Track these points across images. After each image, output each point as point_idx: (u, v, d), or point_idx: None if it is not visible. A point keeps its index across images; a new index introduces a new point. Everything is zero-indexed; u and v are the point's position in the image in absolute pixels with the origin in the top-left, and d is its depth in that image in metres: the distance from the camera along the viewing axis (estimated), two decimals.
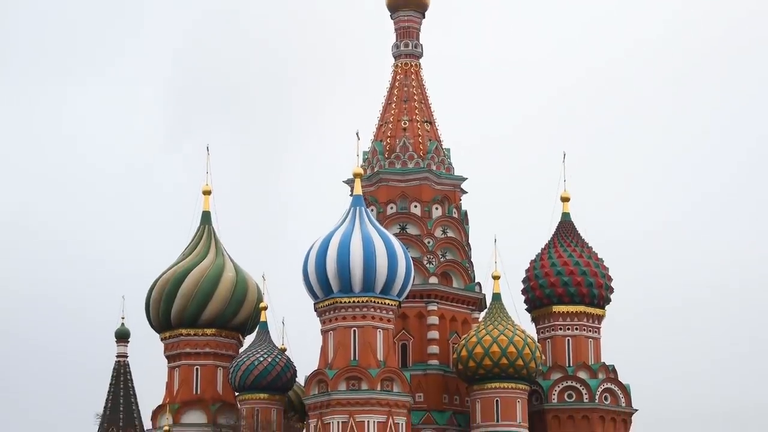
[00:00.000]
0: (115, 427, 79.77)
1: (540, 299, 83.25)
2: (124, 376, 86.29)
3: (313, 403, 74.37)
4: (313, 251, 75.58)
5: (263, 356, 79.40)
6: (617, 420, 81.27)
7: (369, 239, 74.60)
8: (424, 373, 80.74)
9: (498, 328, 77.89)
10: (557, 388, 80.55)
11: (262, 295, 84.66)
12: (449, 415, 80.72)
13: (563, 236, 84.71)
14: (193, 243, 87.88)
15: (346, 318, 74.76)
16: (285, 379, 79.81)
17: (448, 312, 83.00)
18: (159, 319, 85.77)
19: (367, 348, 74.25)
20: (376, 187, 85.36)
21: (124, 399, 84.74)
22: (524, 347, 77.15)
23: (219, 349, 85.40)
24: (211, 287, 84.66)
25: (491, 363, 76.67)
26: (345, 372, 73.65)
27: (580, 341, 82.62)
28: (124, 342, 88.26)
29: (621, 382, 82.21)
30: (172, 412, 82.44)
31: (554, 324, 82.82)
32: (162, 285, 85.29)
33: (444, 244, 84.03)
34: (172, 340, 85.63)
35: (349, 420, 72.62)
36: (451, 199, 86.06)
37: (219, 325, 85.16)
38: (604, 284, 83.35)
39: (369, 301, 74.38)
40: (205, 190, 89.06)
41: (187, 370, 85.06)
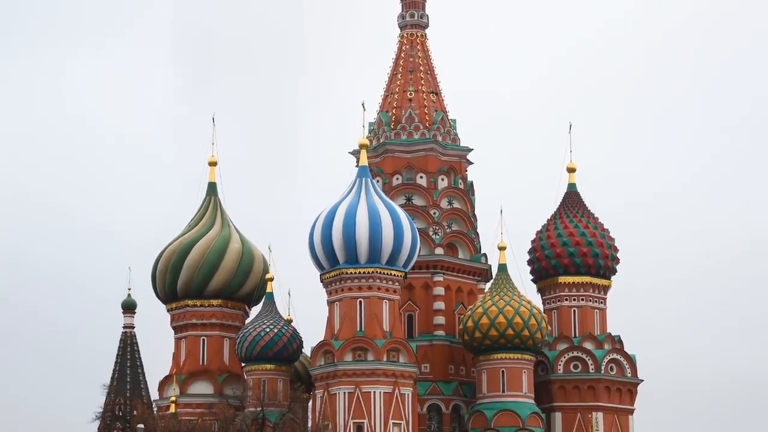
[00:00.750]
0: (122, 397, 79.93)
1: (546, 270, 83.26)
2: (131, 347, 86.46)
3: (320, 374, 74.53)
4: (319, 222, 75.62)
5: (269, 327, 79.52)
6: (623, 390, 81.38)
7: (375, 210, 74.60)
8: (430, 343, 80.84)
9: (504, 298, 77.96)
10: (563, 359, 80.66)
11: (268, 266, 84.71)
12: (455, 386, 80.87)
13: (569, 207, 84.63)
14: (199, 214, 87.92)
15: (352, 289, 74.84)
16: (291, 350, 79.94)
17: (454, 283, 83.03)
18: (165, 290, 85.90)
19: (373, 319, 74.35)
20: (381, 158, 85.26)
21: (131, 370, 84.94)
22: (530, 318, 77.24)
23: (225, 320, 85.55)
24: (217, 258, 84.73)
25: (497, 334, 76.76)
26: (351, 343, 73.78)
27: (585, 312, 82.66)
28: (131, 313, 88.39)
29: (627, 352, 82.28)
30: (179, 383, 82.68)
31: (560, 295, 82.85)
32: (168, 256, 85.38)
33: (450, 215, 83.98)
34: (179, 311, 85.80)
35: (355, 390, 72.80)
36: (456, 170, 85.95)
37: (225, 296, 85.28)
38: (610, 255, 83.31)
39: (375, 272, 74.43)
40: (210, 161, 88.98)
41: (193, 341, 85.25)
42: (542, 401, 78.89)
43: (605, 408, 79.74)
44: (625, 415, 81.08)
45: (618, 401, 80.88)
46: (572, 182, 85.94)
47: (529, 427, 76.06)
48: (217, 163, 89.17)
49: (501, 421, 75.98)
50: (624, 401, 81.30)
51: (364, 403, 72.55)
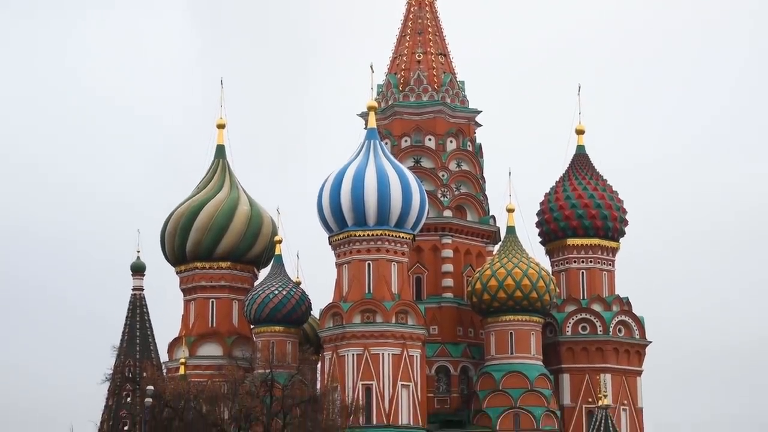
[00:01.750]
0: (131, 359, 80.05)
1: (554, 232, 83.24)
2: (140, 309, 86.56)
3: (328, 336, 74.71)
4: (327, 185, 75.58)
5: (278, 289, 79.64)
6: (631, 352, 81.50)
7: (383, 172, 74.53)
8: (438, 306, 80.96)
9: (512, 261, 77.98)
10: (571, 321, 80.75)
11: (276, 228, 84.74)
12: (463, 348, 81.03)
13: (578, 169, 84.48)
14: (208, 176, 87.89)
15: (360, 251, 74.89)
16: (300, 312, 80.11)
17: (462, 245, 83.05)
18: (174, 252, 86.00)
19: (382, 281, 74.43)
20: (390, 120, 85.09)
21: (140, 332, 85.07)
22: (538, 280, 77.29)
23: (234, 282, 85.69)
24: (226, 221, 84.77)
25: (505, 296, 76.84)
26: (360, 305, 73.91)
27: (594, 274, 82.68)
28: (140, 275, 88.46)
29: (635, 314, 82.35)
30: (188, 345, 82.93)
31: (568, 257, 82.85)
32: (177, 218, 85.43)
33: (458, 177, 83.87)
34: (188, 274, 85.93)
35: (363, 352, 72.98)
36: (465, 132, 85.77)
37: (234, 259, 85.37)
38: (619, 217, 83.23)
39: (383, 235, 74.46)
40: (219, 123, 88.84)
41: (202, 303, 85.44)
42: (550, 363, 79.04)
43: (613, 370, 79.89)
44: (633, 376, 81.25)
45: (626, 363, 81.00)
46: (581, 144, 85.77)
47: (537, 388, 76.26)
48: (226, 126, 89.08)
49: (509, 382, 76.17)
50: (632, 363, 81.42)
51: (373, 365, 72.74)
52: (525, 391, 75.89)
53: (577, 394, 79.42)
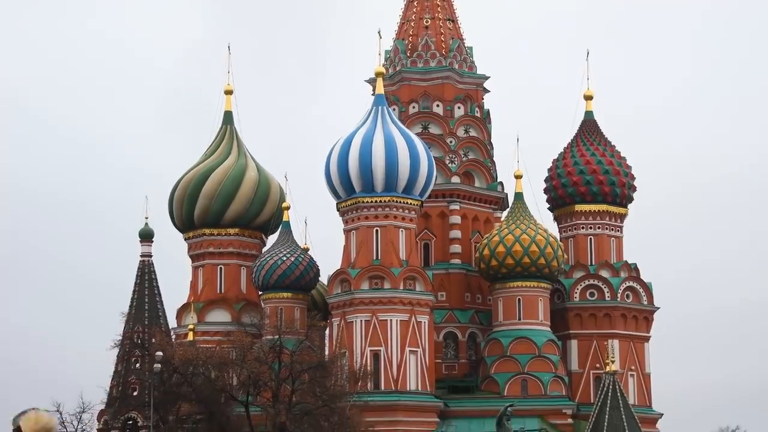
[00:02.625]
0: (140, 325, 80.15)
1: (562, 198, 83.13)
2: (149, 275, 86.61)
3: (336, 302, 74.86)
4: (335, 151, 75.51)
5: (286, 256, 79.75)
6: (639, 318, 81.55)
7: (391, 139, 74.43)
8: (446, 272, 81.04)
9: (520, 227, 77.97)
10: (579, 287, 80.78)
11: (284, 194, 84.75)
12: (471, 314, 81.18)
13: (586, 134, 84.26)
14: (215, 143, 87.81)
15: (368, 217, 74.91)
16: (308, 279, 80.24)
17: (470, 211, 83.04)
18: (182, 219, 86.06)
19: (390, 247, 74.49)
20: (398, 87, 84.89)
21: (149, 298, 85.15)
22: (546, 246, 77.29)
23: (242, 248, 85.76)
24: (234, 187, 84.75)
25: (513, 262, 76.87)
26: (368, 271, 74.00)
27: (602, 240, 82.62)
28: (148, 242, 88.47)
29: (643, 280, 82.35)
30: (197, 311, 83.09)
31: (576, 223, 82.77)
32: (185, 185, 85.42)
33: (466, 143, 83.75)
34: (196, 240, 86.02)
35: (371, 318, 73.13)
36: (473, 98, 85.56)
37: (242, 225, 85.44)
38: (627, 183, 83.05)
39: (391, 201, 74.45)
40: (226, 89, 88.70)
41: (210, 269, 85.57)
42: (558, 329, 79.17)
43: (621, 335, 79.98)
44: (641, 342, 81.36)
45: (634, 329, 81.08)
46: (589, 110, 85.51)
47: (545, 354, 76.39)
48: (233, 92, 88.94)
49: (517, 348, 76.33)
50: (640, 329, 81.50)
51: (381, 330, 72.90)
52: (533, 357, 76.03)
53: (585, 359, 79.57)
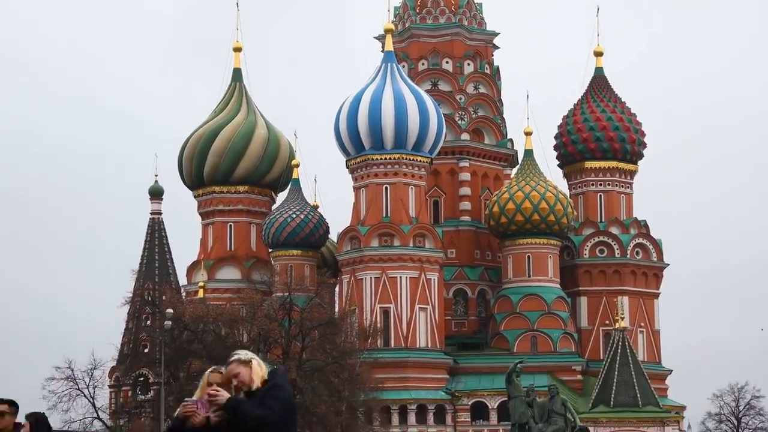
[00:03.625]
0: (150, 282, 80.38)
1: (572, 155, 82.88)
2: (159, 233, 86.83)
3: (346, 260, 74.93)
4: (344, 108, 75.33)
5: (296, 213, 79.77)
6: (648, 274, 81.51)
7: (400, 96, 74.21)
8: (456, 229, 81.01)
9: (530, 184, 77.85)
10: (589, 244, 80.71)
11: (294, 152, 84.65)
12: (481, 271, 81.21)
13: (596, 91, 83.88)
14: (225, 100, 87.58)
15: (378, 175, 74.84)
16: (317, 236, 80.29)
17: (480, 168, 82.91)
18: (192, 176, 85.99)
19: (399, 204, 74.46)
20: (407, 43, 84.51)
21: (159, 256, 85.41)
22: (556, 203, 77.18)
23: (252, 206, 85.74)
24: (243, 144, 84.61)
25: (523, 219, 76.80)
26: (377, 228, 74.03)
27: (612, 196, 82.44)
28: (158, 199, 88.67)
29: (653, 236, 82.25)
30: (207, 269, 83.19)
31: (586, 180, 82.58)
32: (194, 142, 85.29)
33: (476, 100, 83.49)
34: (205, 198, 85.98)
35: (381, 276, 73.22)
36: (483, 54, 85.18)
37: (251, 183, 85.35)
38: (637, 139, 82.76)
39: (401, 158, 74.33)
40: (235, 47, 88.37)
41: (220, 227, 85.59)
42: (568, 286, 79.19)
43: (630, 292, 79.98)
44: (650, 298, 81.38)
45: (643, 285, 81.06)
46: (599, 66, 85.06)
47: (555, 311, 76.49)
48: (242, 49, 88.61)
49: (526, 305, 76.41)
50: (650, 285, 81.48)
51: (391, 288, 73.01)
52: (542, 314, 76.13)
53: (595, 316, 79.64)
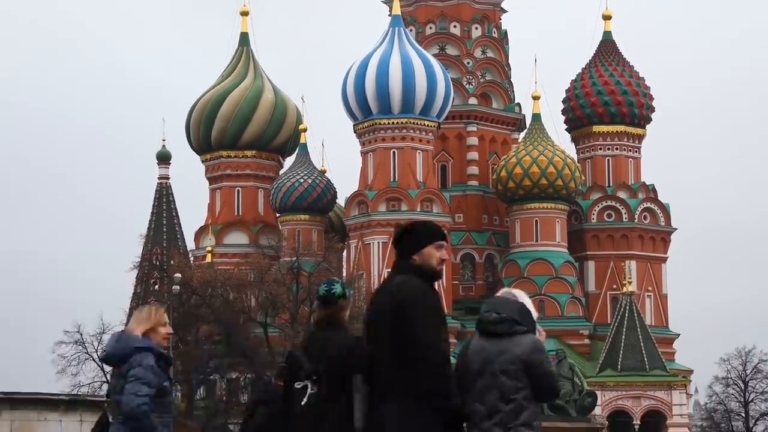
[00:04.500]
0: (158, 247, 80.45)
1: (580, 119, 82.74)
2: (167, 197, 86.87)
3: (354, 224, 74.99)
4: (351, 72, 75.18)
5: (303, 178, 79.79)
6: (656, 239, 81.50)
7: (408, 60, 74.02)
8: (463, 194, 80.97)
9: (538, 148, 77.73)
10: (597, 208, 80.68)
11: (301, 116, 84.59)
12: (488, 236, 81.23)
13: (604, 55, 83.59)
14: (232, 65, 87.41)
15: (385, 139, 74.78)
16: (325, 201, 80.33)
17: (487, 133, 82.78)
18: (199, 141, 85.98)
19: (407, 169, 74.43)
20: (414, 7, 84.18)
21: (167, 220, 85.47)
22: (564, 167, 77.09)
23: (259, 170, 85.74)
24: (251, 109, 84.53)
25: (531, 183, 76.73)
26: (385, 193, 74.04)
27: (620, 161, 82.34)
28: (166, 164, 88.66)
29: (661, 201, 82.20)
30: (215, 233, 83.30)
31: (594, 144, 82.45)
32: (201, 107, 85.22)
33: (484, 64, 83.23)
34: (213, 162, 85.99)
35: (389, 240, 73.23)
36: (491, 18, 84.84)
37: (259, 147, 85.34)
38: (645, 103, 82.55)
39: (408, 122, 74.24)
40: (242, 10, 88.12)
41: (228, 191, 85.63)
42: (575, 250, 79.21)
43: (638, 256, 79.95)
44: (658, 263, 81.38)
45: (651, 250, 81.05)
46: (608, 30, 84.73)
47: (562, 275, 76.54)
48: (249, 13, 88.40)
49: (534, 270, 76.45)
50: (657, 250, 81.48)
51: None
52: (550, 279, 76.19)
53: (602, 281, 79.69)
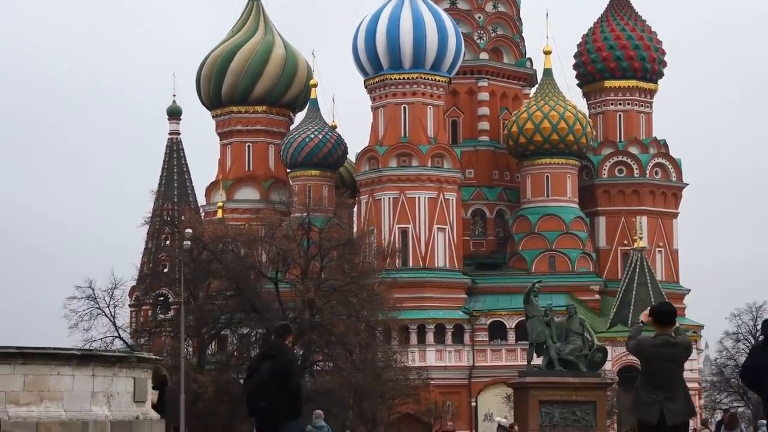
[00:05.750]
0: (169, 203, 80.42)
1: (592, 74, 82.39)
2: (177, 153, 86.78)
3: (364, 180, 74.97)
4: (362, 27, 74.92)
5: (314, 133, 79.68)
6: (667, 194, 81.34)
7: (419, 14, 73.71)
8: (474, 149, 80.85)
9: (549, 103, 77.48)
10: (608, 163, 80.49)
11: (312, 72, 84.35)
12: (499, 191, 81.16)
13: (616, 9, 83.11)
14: (242, 20, 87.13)
15: (396, 95, 74.61)
16: (336, 156, 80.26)
17: (498, 88, 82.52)
18: (210, 96, 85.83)
19: (418, 124, 74.30)
20: None
21: (177, 176, 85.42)
22: (575, 122, 76.87)
23: (270, 126, 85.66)
24: (261, 64, 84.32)
25: (542, 138, 76.55)
26: (395, 149, 73.95)
27: (631, 116, 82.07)
28: (176, 119, 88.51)
29: (672, 156, 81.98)
30: (225, 189, 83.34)
31: (606, 99, 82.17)
32: (212, 62, 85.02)
33: (495, 18, 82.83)
34: (224, 118, 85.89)
35: (399, 196, 73.28)
36: None
37: (270, 103, 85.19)
38: (657, 58, 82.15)
39: (419, 78, 74.03)
40: None
41: (239, 147, 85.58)
42: (586, 206, 79.12)
43: (649, 212, 79.87)
44: (669, 219, 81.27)
45: (662, 205, 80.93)
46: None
47: (573, 231, 76.49)
48: None
49: (545, 225, 76.41)
50: (668, 205, 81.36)
51: (409, 208, 73.09)
52: (561, 234, 76.15)
53: (613, 236, 79.64)
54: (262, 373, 13.70)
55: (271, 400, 13.61)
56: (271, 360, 13.71)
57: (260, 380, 13.65)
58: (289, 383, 13.61)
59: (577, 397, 43.92)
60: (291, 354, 14.06)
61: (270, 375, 13.58)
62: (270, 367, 13.62)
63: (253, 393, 13.70)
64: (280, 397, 13.66)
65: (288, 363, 13.71)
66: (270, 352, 13.94)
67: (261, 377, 13.66)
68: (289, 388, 13.60)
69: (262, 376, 13.64)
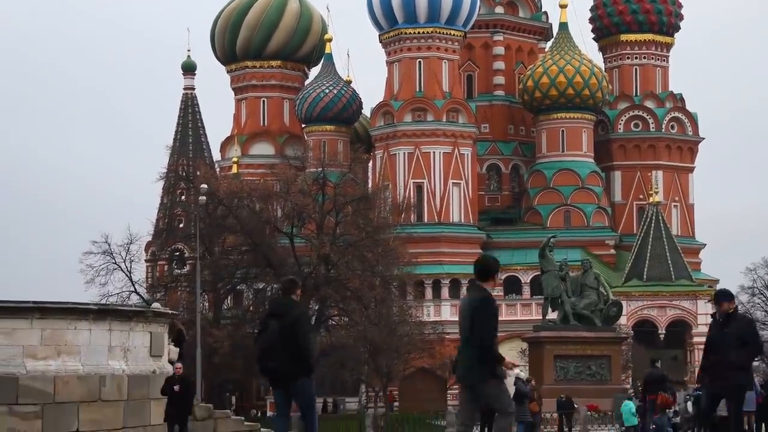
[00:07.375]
0: (185, 158, 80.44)
1: (608, 28, 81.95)
2: (192, 108, 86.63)
3: (379, 135, 74.85)
4: None
5: (329, 88, 79.49)
6: (683, 149, 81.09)
7: None
8: (489, 104, 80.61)
9: (564, 57, 77.11)
10: (624, 118, 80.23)
11: (326, 26, 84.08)
12: (515, 146, 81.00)
13: None
14: None
15: (411, 49, 74.32)
16: (351, 111, 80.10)
17: (514, 42, 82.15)
18: (225, 51, 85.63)
19: (433, 79, 74.05)
20: None
21: (192, 131, 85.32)
22: (591, 77, 76.53)
23: (285, 81, 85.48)
24: (276, 18, 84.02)
25: (557, 93, 76.26)
26: (410, 103, 73.77)
27: (647, 70, 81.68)
28: (191, 74, 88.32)
29: (688, 110, 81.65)
30: (240, 144, 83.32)
31: (622, 53, 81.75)
32: (227, 16, 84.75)
33: None
34: (238, 73, 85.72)
35: (414, 151, 73.16)
36: None
37: (284, 57, 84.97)
38: (674, 11, 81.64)
39: (434, 32, 73.69)
40: None
41: (253, 102, 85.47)
42: (602, 160, 78.94)
43: (665, 166, 79.67)
44: (685, 173, 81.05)
45: (678, 159, 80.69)
46: None
47: (588, 186, 76.36)
48: None
49: (560, 180, 76.28)
50: (684, 159, 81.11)
51: (424, 163, 73.01)
52: (576, 189, 76.01)
53: (629, 190, 79.52)
54: (270, 332, 13.67)
55: (281, 359, 13.63)
56: (278, 318, 13.68)
57: (269, 340, 13.63)
58: (297, 342, 13.61)
59: (591, 352, 44.09)
60: (299, 310, 14.01)
61: (278, 334, 13.56)
62: (278, 326, 13.60)
63: (263, 353, 13.70)
64: (289, 357, 13.67)
65: (295, 321, 13.68)
66: (277, 311, 13.90)
67: (269, 337, 13.64)
68: (297, 347, 13.59)
69: (271, 336, 13.62)
